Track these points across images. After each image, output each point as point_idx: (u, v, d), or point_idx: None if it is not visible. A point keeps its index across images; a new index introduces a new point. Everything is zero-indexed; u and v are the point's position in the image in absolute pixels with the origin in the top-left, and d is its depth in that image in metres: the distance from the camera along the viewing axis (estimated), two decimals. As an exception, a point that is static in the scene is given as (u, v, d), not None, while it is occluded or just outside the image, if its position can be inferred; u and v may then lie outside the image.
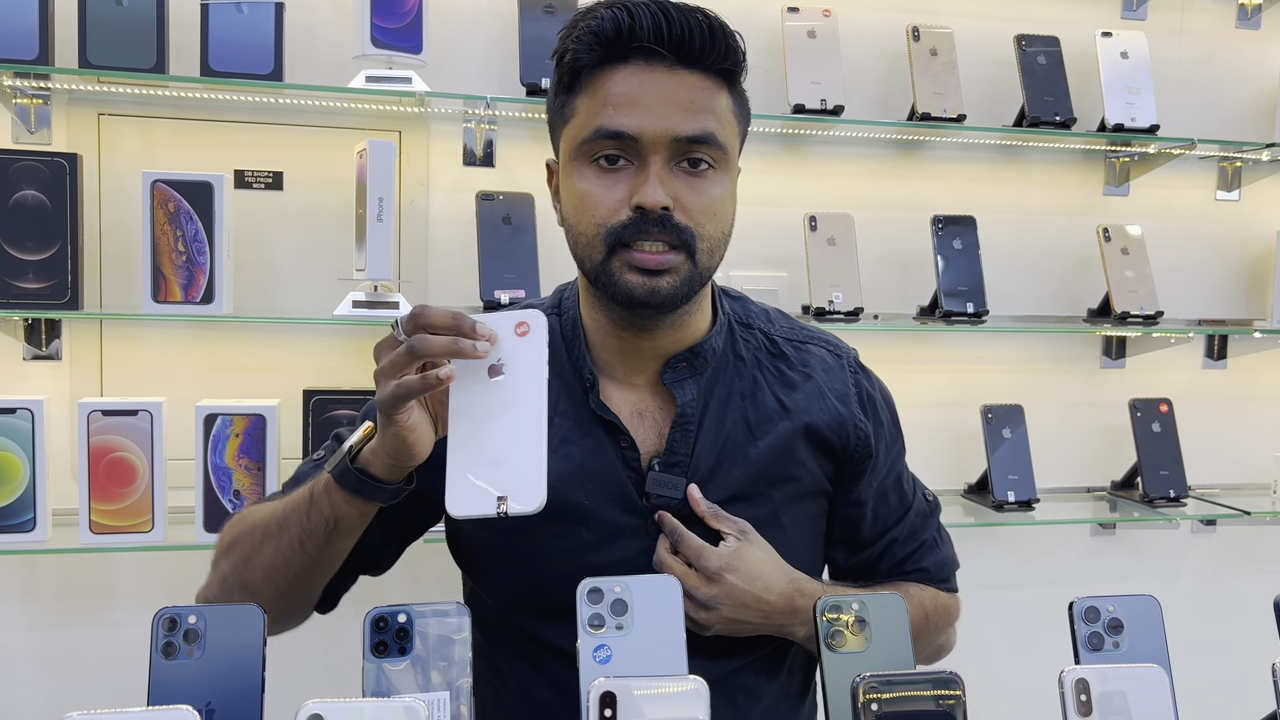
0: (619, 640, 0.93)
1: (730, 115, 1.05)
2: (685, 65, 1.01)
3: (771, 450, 1.11)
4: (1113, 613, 1.06)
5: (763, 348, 1.15)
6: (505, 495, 0.88)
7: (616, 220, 1.00)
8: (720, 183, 1.03)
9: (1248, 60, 2.44)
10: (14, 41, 1.72)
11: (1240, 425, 2.48)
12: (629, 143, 1.00)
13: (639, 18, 0.98)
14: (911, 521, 1.23)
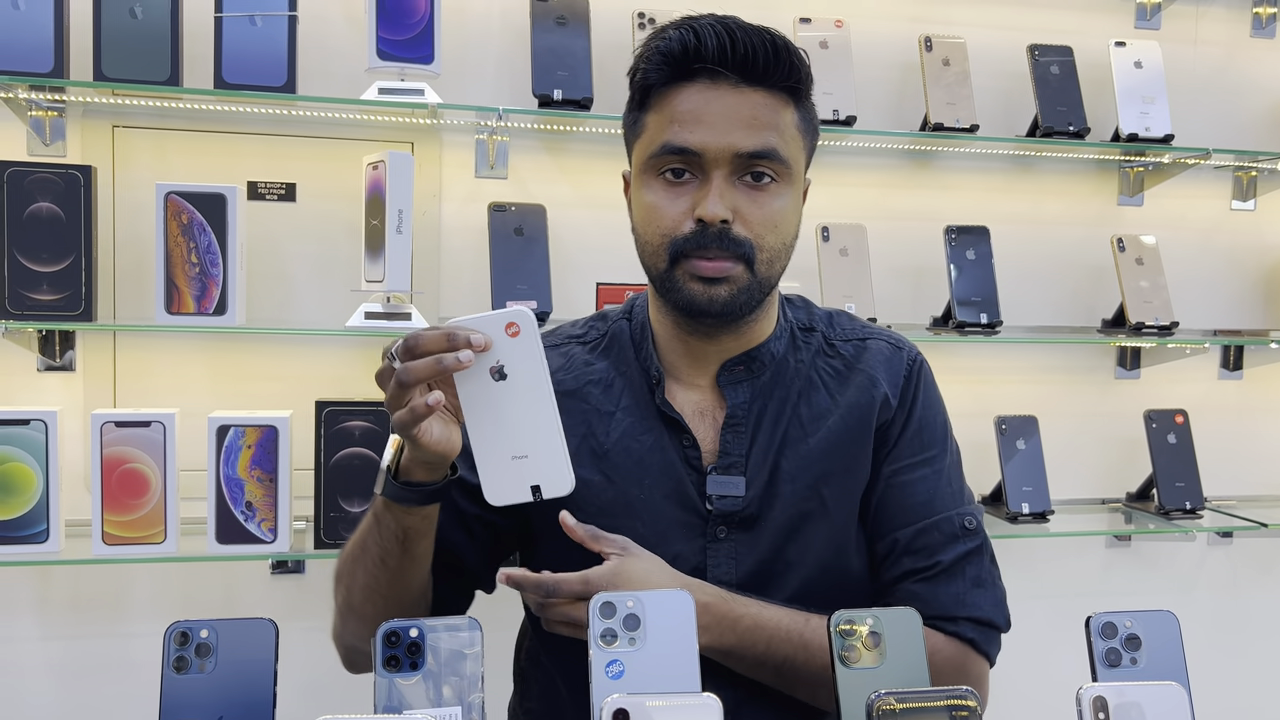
0: (632, 656, 0.93)
1: (795, 131, 1.07)
2: (750, 83, 1.04)
3: (822, 446, 1.12)
4: (1130, 628, 1.05)
5: (820, 349, 1.17)
6: (539, 485, 0.95)
7: (679, 232, 1.04)
8: (782, 195, 1.06)
9: (1262, 69, 2.42)
10: (30, 55, 1.73)
11: (1257, 436, 2.46)
12: (693, 157, 1.04)
13: (704, 38, 1.03)
14: (928, 534, 1.14)
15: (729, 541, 1.11)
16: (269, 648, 0.94)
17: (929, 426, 1.17)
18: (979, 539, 1.15)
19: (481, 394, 0.94)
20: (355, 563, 1.08)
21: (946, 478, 1.17)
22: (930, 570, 1.12)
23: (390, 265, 1.79)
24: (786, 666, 1.04)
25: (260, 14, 1.78)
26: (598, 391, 1.15)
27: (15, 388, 1.92)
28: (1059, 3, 2.31)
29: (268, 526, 1.80)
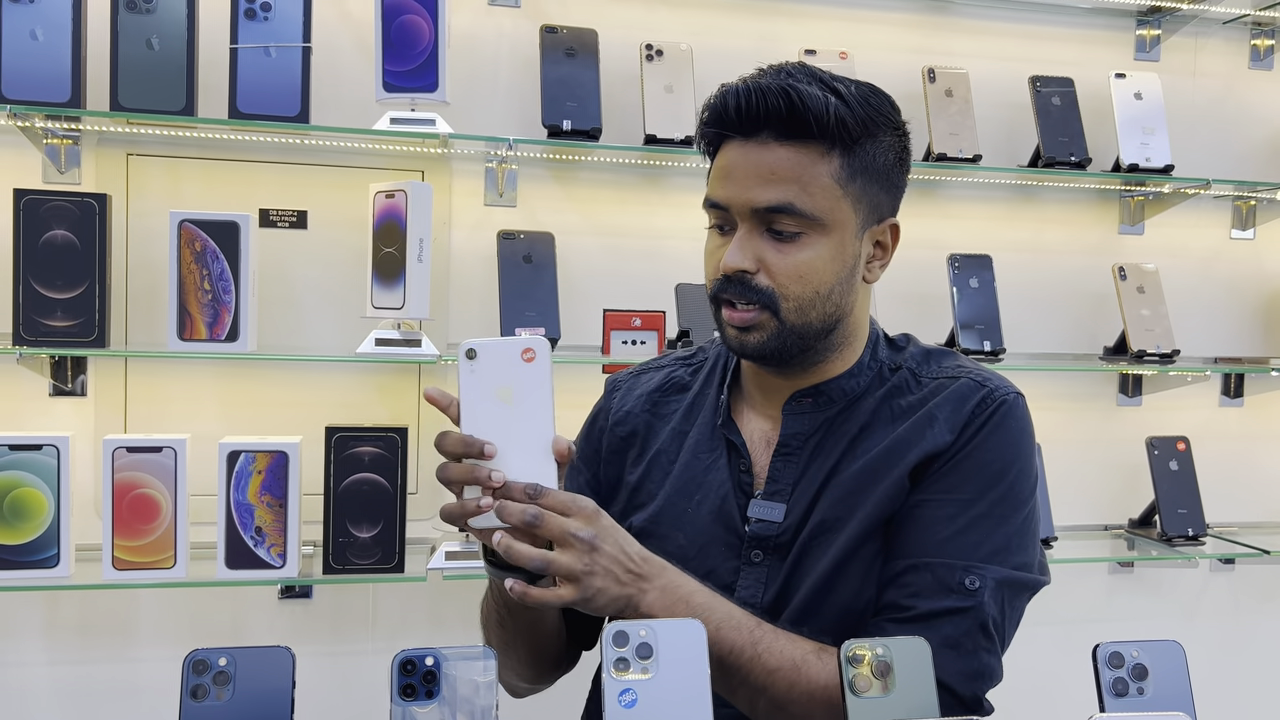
0: (644, 685, 0.93)
1: (831, 181, 1.06)
2: (779, 139, 1.06)
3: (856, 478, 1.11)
4: (1137, 658, 1.05)
5: (903, 385, 1.15)
6: None
7: (715, 279, 1.11)
8: (813, 246, 1.07)
9: (1260, 101, 2.46)
10: (48, 84, 1.76)
11: (1258, 463, 2.48)
12: (724, 211, 1.09)
13: (728, 100, 1.07)
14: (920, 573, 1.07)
15: (762, 566, 1.12)
16: (286, 675, 0.95)
17: (979, 466, 1.09)
18: (973, 602, 1.05)
19: (487, 412, 0.95)
20: (487, 625, 1.17)
21: (974, 527, 1.07)
22: (905, 613, 1.06)
23: (410, 292, 1.82)
24: (731, 659, 1.00)
25: (275, 45, 1.81)
26: (680, 413, 1.22)
27: (27, 413, 1.94)
28: (1060, 35, 2.35)
29: (277, 552, 1.81)
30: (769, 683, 1.00)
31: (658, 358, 1.32)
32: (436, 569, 1.88)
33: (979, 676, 1.06)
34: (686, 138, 2.01)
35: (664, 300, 2.07)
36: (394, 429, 1.85)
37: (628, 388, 1.27)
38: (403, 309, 1.82)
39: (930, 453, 1.09)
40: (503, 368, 0.95)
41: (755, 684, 1.01)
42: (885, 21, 2.28)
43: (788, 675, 1.00)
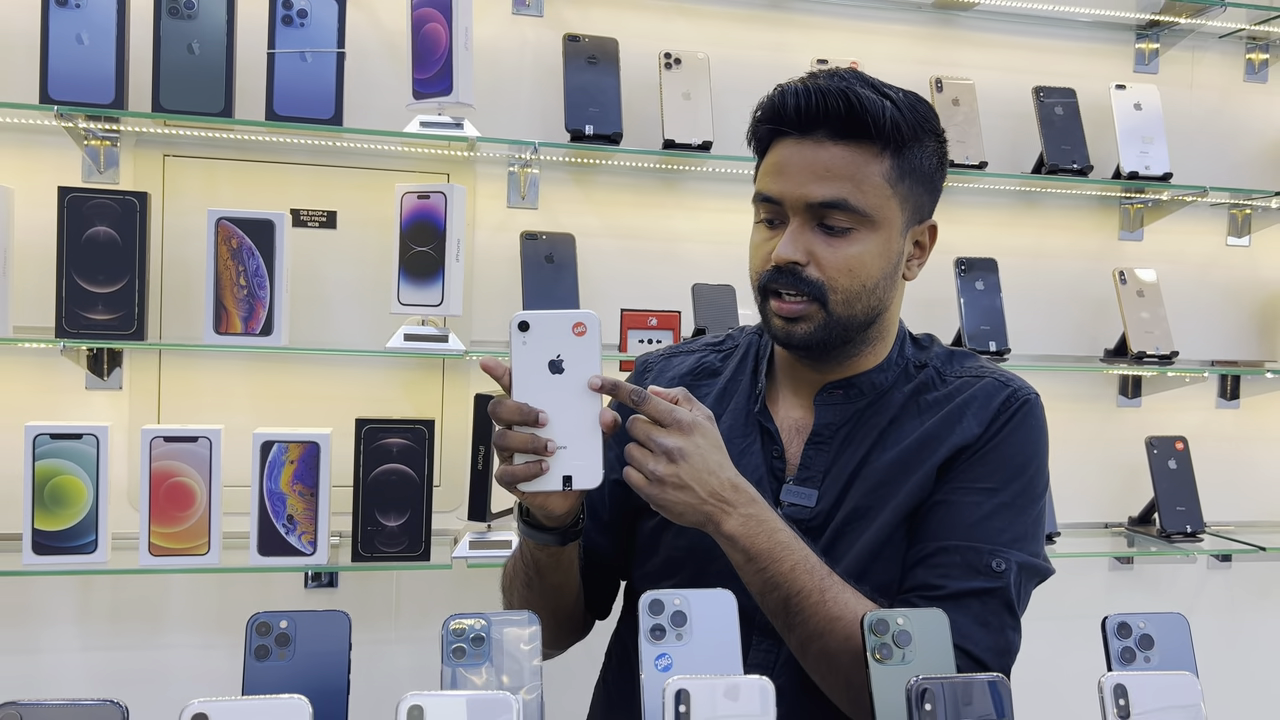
0: (679, 650, 1.00)
1: (882, 180, 1.12)
2: (834, 138, 1.12)
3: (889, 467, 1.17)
4: (1144, 628, 1.12)
5: (929, 383, 1.21)
6: (570, 475, 1.00)
7: (765, 270, 1.15)
8: (862, 242, 1.13)
9: (1255, 112, 2.54)
10: (92, 86, 1.82)
11: (1253, 464, 2.55)
12: (777, 205, 1.14)
13: (787, 99, 1.13)
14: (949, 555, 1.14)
15: None
16: (344, 638, 1.01)
17: (1004, 459, 1.16)
18: (1000, 583, 1.12)
19: (537, 381, 0.99)
20: (512, 585, 1.21)
21: (999, 514, 1.14)
22: (935, 591, 1.11)
23: (448, 290, 1.90)
24: (797, 600, 1.04)
25: (310, 50, 1.88)
26: (713, 397, 1.25)
27: (63, 405, 2.00)
28: (1062, 48, 2.43)
29: (308, 539, 1.87)
30: (827, 630, 1.04)
31: (687, 341, 1.36)
32: (461, 557, 1.94)
33: (1006, 652, 1.14)
34: (704, 143, 2.08)
35: (679, 301, 2.14)
36: (421, 421, 1.92)
37: (659, 369, 1.31)
38: (441, 305, 1.89)
39: (959, 446, 1.16)
40: (554, 340, 0.99)
41: (813, 629, 1.05)
42: (894, 33, 2.36)
43: (846, 627, 1.04)
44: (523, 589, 1.19)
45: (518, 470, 1.00)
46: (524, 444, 0.99)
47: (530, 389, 0.99)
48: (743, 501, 1.04)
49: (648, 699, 0.95)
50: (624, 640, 1.32)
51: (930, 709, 0.92)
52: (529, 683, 0.98)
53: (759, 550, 1.04)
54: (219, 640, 2.06)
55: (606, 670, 1.36)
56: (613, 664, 1.34)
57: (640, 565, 1.25)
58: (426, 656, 2.12)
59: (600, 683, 1.37)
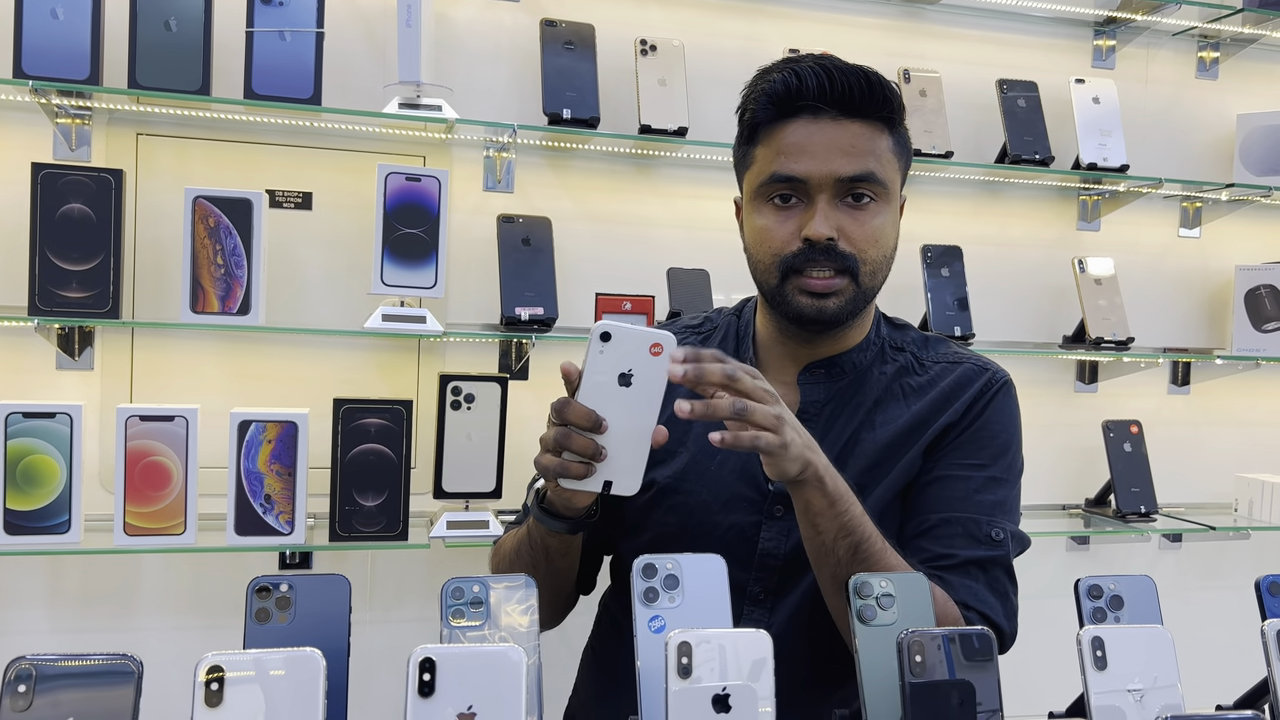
0: (672, 612, 1.03)
1: (890, 155, 1.19)
2: (847, 116, 1.16)
3: (881, 444, 1.22)
4: (1113, 590, 1.19)
5: (909, 368, 1.27)
6: (612, 481, 1.04)
7: (789, 250, 1.17)
8: (881, 213, 1.18)
9: (1206, 108, 2.63)
10: (67, 62, 1.80)
11: (1202, 447, 2.64)
12: (799, 184, 1.16)
13: (805, 79, 1.15)
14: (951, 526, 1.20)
15: (784, 521, 1.21)
16: (344, 601, 1.02)
17: (987, 438, 1.23)
18: (1000, 551, 1.20)
19: (604, 389, 1.01)
20: (513, 567, 1.23)
21: (989, 487, 1.22)
22: (945, 560, 1.17)
23: (440, 273, 1.93)
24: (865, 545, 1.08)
25: (290, 29, 1.88)
26: None
27: (34, 385, 1.97)
28: (1024, 42, 2.50)
29: (285, 519, 1.87)
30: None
31: (663, 324, 1.40)
32: (439, 537, 1.95)
33: (1015, 613, 1.23)
34: (680, 128, 2.11)
35: (653, 285, 2.17)
36: (399, 402, 1.93)
37: None
38: (434, 288, 1.91)
39: (945, 425, 1.22)
40: (629, 354, 1.00)
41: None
42: (863, 25, 2.41)
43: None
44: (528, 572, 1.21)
45: (572, 467, 1.02)
46: (584, 448, 1.01)
47: (597, 395, 1.02)
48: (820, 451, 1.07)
49: (643, 659, 0.98)
50: (611, 610, 1.36)
51: (920, 660, 0.96)
52: (527, 644, 1.00)
53: (840, 493, 1.07)
54: (191, 622, 2.05)
55: (594, 638, 1.39)
56: (601, 632, 1.37)
57: (628, 540, 1.28)
58: (401, 637, 2.13)
59: (588, 650, 1.40)
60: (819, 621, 1.18)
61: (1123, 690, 0.99)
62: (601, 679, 1.35)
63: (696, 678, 0.88)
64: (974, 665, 0.97)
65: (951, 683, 0.95)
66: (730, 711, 0.88)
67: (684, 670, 0.88)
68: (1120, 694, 0.99)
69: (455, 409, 1.92)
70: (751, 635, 0.90)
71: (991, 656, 0.97)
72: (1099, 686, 0.98)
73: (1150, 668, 1.01)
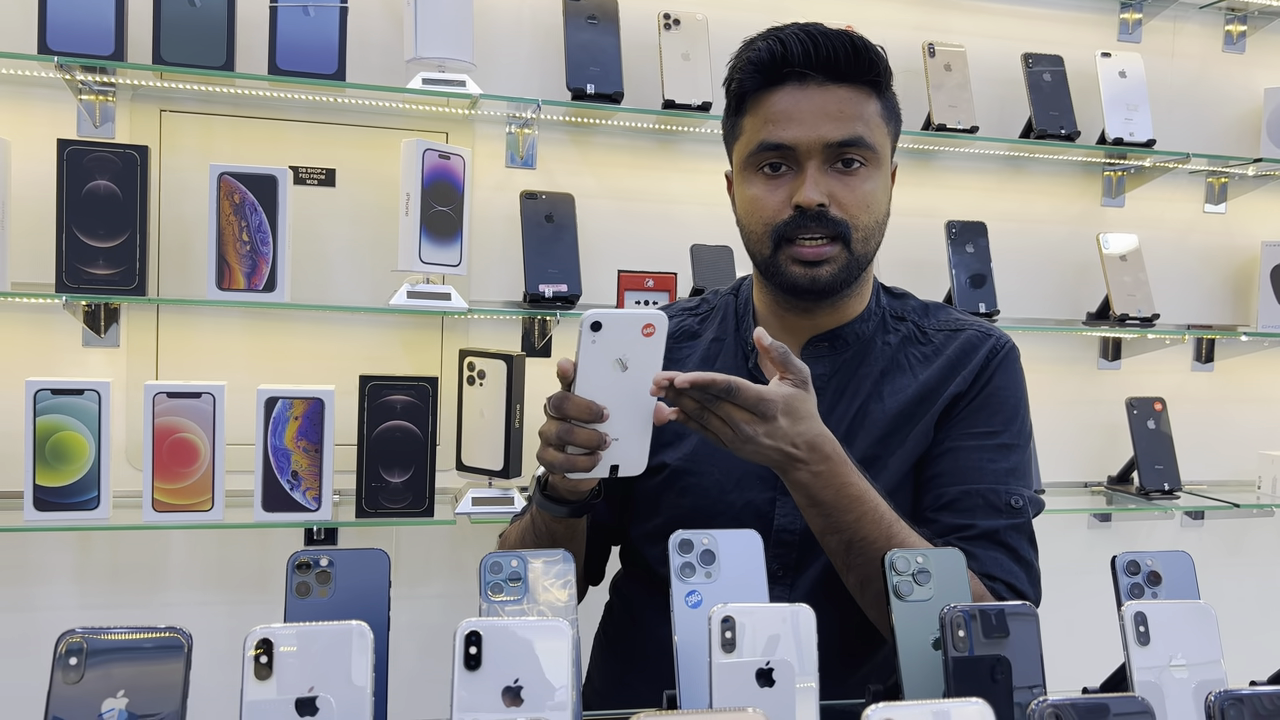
0: (708, 587, 1.03)
1: (879, 119, 1.18)
2: (834, 81, 1.15)
3: (892, 413, 1.22)
4: (1151, 566, 1.18)
5: (912, 337, 1.26)
6: (618, 465, 1.03)
7: (780, 219, 1.16)
8: (872, 178, 1.17)
9: (1233, 82, 2.60)
10: (91, 38, 1.80)
11: (1226, 424, 2.63)
12: (788, 151, 1.15)
13: (790, 46, 1.14)
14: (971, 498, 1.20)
15: None
16: (383, 575, 1.03)
17: (998, 404, 1.22)
18: (1022, 518, 1.20)
19: (601, 378, 1.00)
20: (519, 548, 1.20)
21: (1003, 455, 1.21)
22: (967, 531, 1.17)
23: (465, 250, 1.93)
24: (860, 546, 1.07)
25: (314, 4, 1.87)
26: (696, 358, 1.27)
27: (60, 362, 1.98)
28: (1050, 16, 2.47)
29: (312, 495, 1.88)
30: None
31: (664, 307, 1.36)
32: (464, 513, 1.95)
33: (1038, 580, 1.22)
34: (704, 103, 2.09)
35: (675, 262, 2.16)
36: (425, 379, 1.93)
37: None
38: (459, 265, 1.91)
39: (954, 395, 1.22)
40: (623, 339, 0.99)
41: (871, 571, 1.08)
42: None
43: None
44: None
45: (578, 461, 1.01)
46: (588, 440, 1.00)
47: (595, 385, 1.00)
48: (816, 459, 1.05)
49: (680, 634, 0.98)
50: (625, 595, 1.36)
51: (963, 635, 0.96)
52: (567, 618, 1.01)
53: (823, 500, 1.07)
54: (219, 598, 2.07)
55: (606, 624, 1.39)
56: (613, 617, 1.37)
57: (640, 524, 1.28)
58: (428, 613, 2.14)
59: (600, 634, 1.40)
60: (841, 596, 1.17)
61: (1165, 666, 0.99)
62: (614, 664, 1.34)
63: (740, 652, 0.88)
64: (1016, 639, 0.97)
65: (995, 658, 0.95)
66: (774, 686, 0.88)
67: (728, 645, 0.88)
68: (1163, 669, 0.99)
69: (470, 384, 1.94)
70: (795, 610, 0.90)
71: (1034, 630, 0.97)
72: (1142, 662, 0.98)
73: (1193, 643, 1.01)
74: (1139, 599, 1.12)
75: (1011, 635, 0.97)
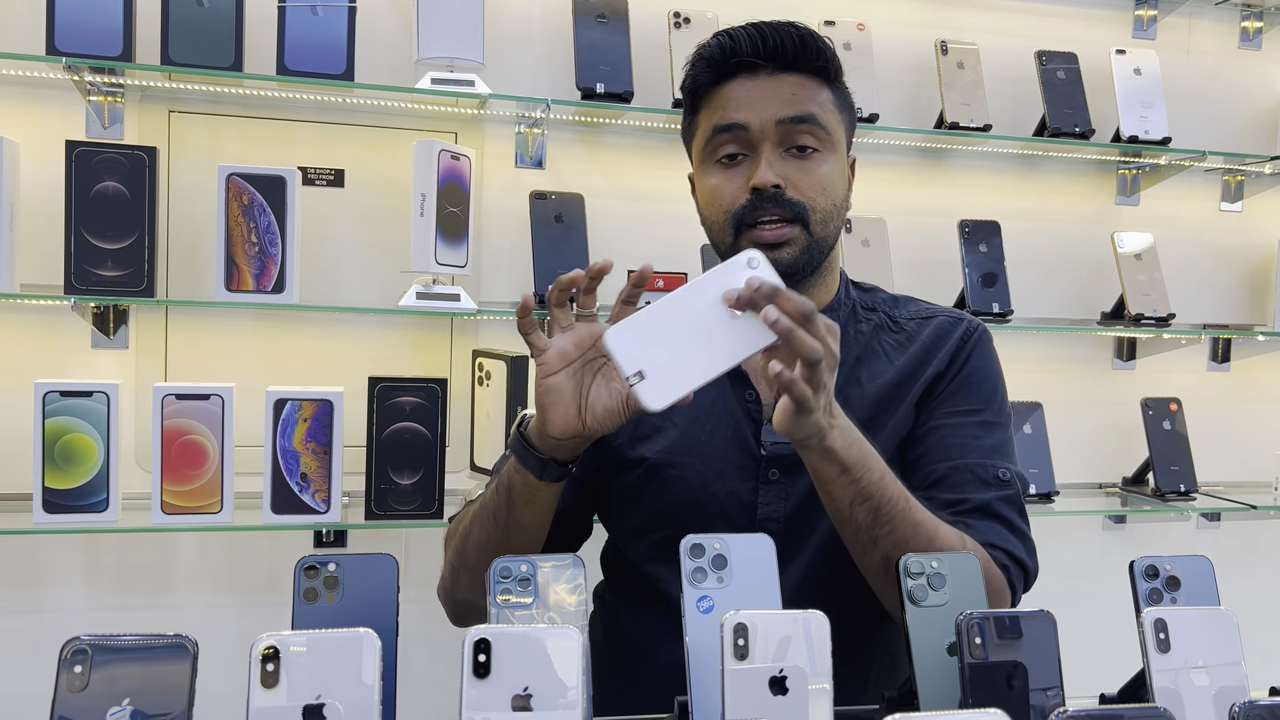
0: (720, 592, 1.01)
1: (833, 106, 1.19)
2: (784, 70, 1.16)
3: (872, 398, 1.22)
4: (1170, 570, 1.16)
5: (884, 325, 1.27)
6: (646, 377, 0.91)
7: (739, 204, 1.16)
8: (828, 162, 1.17)
9: (1249, 79, 2.57)
10: (100, 38, 1.79)
11: (1242, 425, 2.60)
12: (741, 134, 1.15)
13: (738, 38, 1.16)
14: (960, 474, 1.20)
15: (779, 483, 1.20)
16: (392, 580, 1.01)
17: (976, 384, 1.23)
18: (1011, 490, 1.20)
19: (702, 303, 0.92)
20: (475, 520, 1.16)
21: (986, 431, 1.22)
22: (960, 506, 1.17)
23: (472, 251, 1.92)
24: (887, 507, 1.05)
25: (322, 4, 1.86)
26: None
27: (69, 364, 1.97)
28: (1064, 12, 2.45)
29: (321, 497, 1.87)
30: (911, 536, 1.06)
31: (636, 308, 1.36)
32: (474, 515, 1.94)
33: (1034, 550, 1.21)
34: (714, 103, 2.08)
35: (686, 263, 2.15)
36: (434, 380, 1.92)
37: None
38: (466, 266, 1.89)
39: (932, 377, 1.23)
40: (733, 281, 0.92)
41: (900, 536, 1.06)
42: (899, -4, 2.37)
43: (928, 532, 1.07)
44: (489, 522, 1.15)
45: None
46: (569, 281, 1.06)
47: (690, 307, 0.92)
48: (838, 415, 1.03)
49: (692, 639, 0.97)
50: (609, 604, 1.33)
51: (979, 641, 0.94)
52: (576, 624, 0.99)
53: (854, 461, 1.04)
54: (228, 600, 2.06)
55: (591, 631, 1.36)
56: (596, 626, 1.34)
57: (620, 521, 1.26)
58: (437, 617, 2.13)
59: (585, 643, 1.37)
60: (830, 586, 1.17)
61: (1186, 673, 0.98)
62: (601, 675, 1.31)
63: (753, 659, 0.87)
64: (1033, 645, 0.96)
65: (1011, 664, 0.94)
66: (788, 694, 0.86)
67: (740, 652, 0.87)
68: (1183, 677, 0.97)
69: (481, 385, 1.94)
70: (808, 616, 0.89)
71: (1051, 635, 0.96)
72: (1162, 669, 0.97)
73: (1214, 650, 0.99)
74: (1158, 604, 1.11)
75: (1028, 640, 0.96)
